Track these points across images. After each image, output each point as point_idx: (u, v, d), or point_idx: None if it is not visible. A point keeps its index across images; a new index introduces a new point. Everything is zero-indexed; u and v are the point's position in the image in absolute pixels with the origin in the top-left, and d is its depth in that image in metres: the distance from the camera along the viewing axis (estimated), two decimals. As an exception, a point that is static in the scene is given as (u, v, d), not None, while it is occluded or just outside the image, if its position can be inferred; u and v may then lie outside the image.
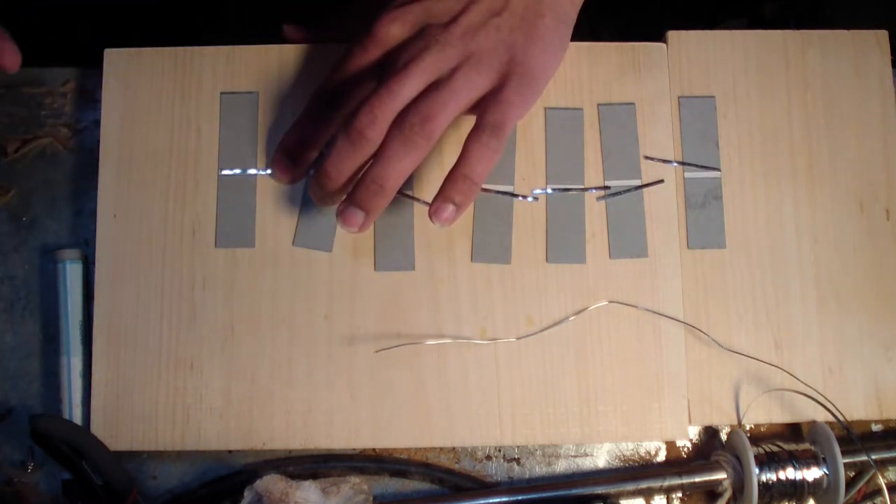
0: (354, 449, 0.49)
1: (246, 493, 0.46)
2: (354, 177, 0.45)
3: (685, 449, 0.51)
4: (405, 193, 0.49)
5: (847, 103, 0.53)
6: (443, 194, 0.44)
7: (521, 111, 0.46)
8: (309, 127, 0.48)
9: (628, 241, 0.51)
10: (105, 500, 0.46)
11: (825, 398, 0.49)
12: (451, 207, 0.44)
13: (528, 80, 0.46)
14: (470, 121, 0.45)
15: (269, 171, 0.51)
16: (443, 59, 0.44)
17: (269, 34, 0.53)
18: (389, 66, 0.44)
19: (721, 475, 0.48)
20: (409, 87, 0.43)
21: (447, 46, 0.44)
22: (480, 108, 0.45)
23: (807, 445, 0.48)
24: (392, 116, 0.43)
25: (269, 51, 0.52)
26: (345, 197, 0.44)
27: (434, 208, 0.44)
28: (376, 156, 0.43)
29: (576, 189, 0.51)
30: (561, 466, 0.50)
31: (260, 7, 0.72)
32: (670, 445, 0.51)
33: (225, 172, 0.51)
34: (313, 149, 0.48)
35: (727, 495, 0.48)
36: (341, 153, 0.43)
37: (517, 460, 0.50)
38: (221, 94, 0.51)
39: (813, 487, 0.47)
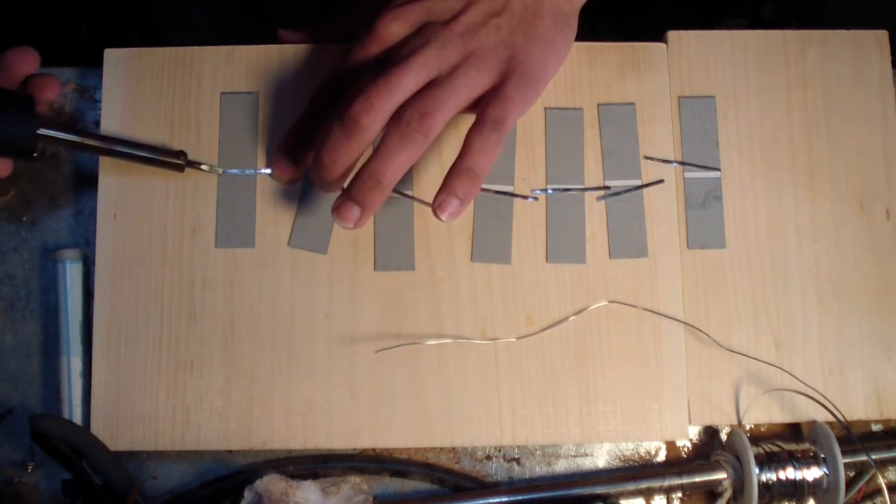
0: (354, 449, 0.49)
1: (246, 493, 0.46)
2: (352, 168, 0.45)
3: (685, 449, 0.51)
4: (405, 193, 0.49)
5: (847, 103, 0.53)
6: (446, 188, 0.43)
7: (521, 109, 0.46)
8: (308, 126, 0.48)
9: (628, 241, 0.51)
10: (105, 500, 0.46)
11: (825, 398, 0.49)
12: (455, 201, 0.43)
13: (529, 79, 0.46)
14: (469, 119, 0.45)
15: (268, 171, 0.51)
16: (443, 56, 0.44)
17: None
18: (389, 61, 0.45)
19: (721, 475, 0.48)
20: (407, 80, 0.43)
21: (447, 44, 0.44)
22: (481, 104, 0.45)
23: (807, 445, 0.48)
24: (389, 109, 0.43)
25: (269, 51, 0.52)
26: (341, 194, 0.44)
27: (438, 202, 0.43)
28: (374, 151, 0.43)
29: (576, 189, 0.51)
30: (561, 466, 0.50)
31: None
32: (670, 445, 0.51)
33: (226, 172, 0.51)
34: (313, 148, 0.48)
35: (727, 495, 0.48)
36: (336, 141, 0.43)
37: (517, 460, 0.50)
38: (221, 94, 0.51)
39: (813, 487, 0.47)
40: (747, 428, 0.51)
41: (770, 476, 0.46)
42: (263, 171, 0.51)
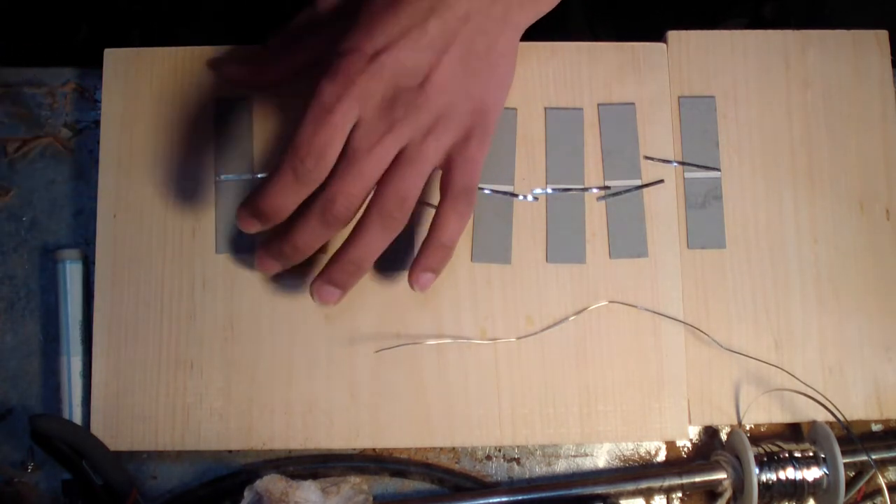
0: (354, 449, 0.49)
1: (246, 493, 0.46)
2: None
3: (685, 449, 0.51)
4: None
5: (847, 103, 0.53)
6: (422, 264, 0.44)
7: (482, 162, 0.45)
8: (280, 198, 0.43)
9: (628, 241, 0.51)
10: (105, 500, 0.46)
11: (825, 398, 0.49)
12: (431, 275, 0.44)
13: (488, 128, 0.45)
14: None
15: (264, 175, 0.51)
16: (416, 126, 0.42)
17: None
18: (360, 139, 0.42)
19: (721, 475, 0.47)
20: (383, 161, 0.42)
21: (421, 111, 0.42)
22: (446, 165, 0.44)
23: (807, 445, 0.48)
24: (367, 192, 0.42)
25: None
26: (319, 273, 0.44)
27: (414, 278, 0.44)
28: (353, 236, 0.43)
29: (576, 189, 0.51)
30: (561, 466, 0.50)
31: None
32: (670, 445, 0.51)
33: (224, 178, 0.51)
34: (283, 218, 0.44)
35: (727, 495, 0.48)
36: (314, 231, 0.43)
37: (517, 460, 0.50)
38: (216, 99, 0.51)
39: (813, 487, 0.47)
40: (747, 428, 0.51)
41: (770, 476, 0.46)
42: (260, 175, 0.51)
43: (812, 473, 0.46)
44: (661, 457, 0.51)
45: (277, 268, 0.46)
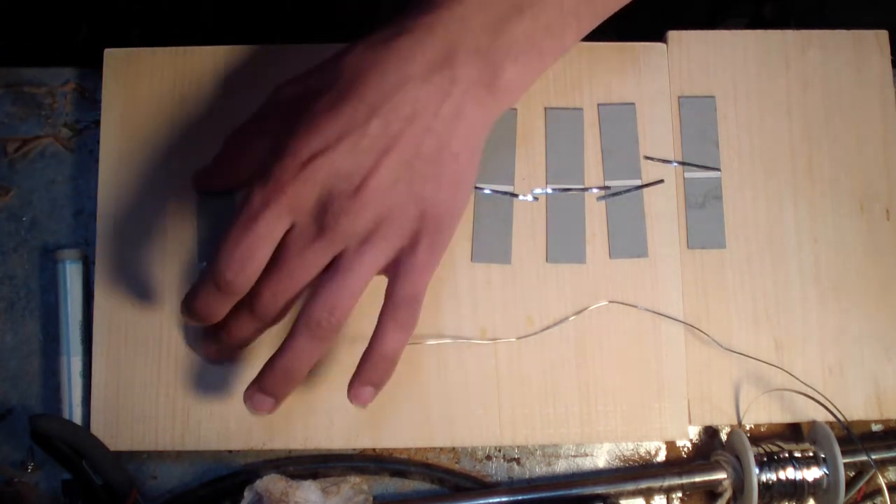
0: (354, 449, 0.49)
1: (246, 493, 0.46)
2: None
3: (685, 449, 0.51)
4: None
5: (847, 103, 0.53)
6: (362, 377, 0.42)
7: (433, 268, 0.43)
8: (208, 305, 0.42)
9: (628, 241, 0.51)
10: (105, 500, 0.46)
11: (825, 398, 0.49)
12: (371, 390, 0.42)
13: (439, 234, 0.42)
14: None
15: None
16: (349, 233, 0.40)
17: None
18: (290, 243, 0.41)
19: (721, 475, 0.48)
20: (312, 266, 0.41)
21: (356, 218, 0.40)
22: (391, 271, 0.42)
23: (807, 445, 0.48)
24: (296, 291, 0.42)
25: (270, 50, 0.52)
26: (252, 380, 0.43)
27: (354, 392, 0.42)
28: (283, 344, 0.42)
29: (576, 189, 0.51)
30: (561, 466, 0.50)
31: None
32: (670, 445, 0.51)
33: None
34: (218, 320, 0.44)
35: (727, 495, 0.48)
36: (245, 324, 0.43)
37: (517, 460, 0.50)
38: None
39: (813, 487, 0.47)
40: (747, 428, 0.51)
41: (770, 476, 0.46)
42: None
43: (812, 473, 0.46)
44: (661, 457, 0.51)
45: (218, 354, 0.47)
